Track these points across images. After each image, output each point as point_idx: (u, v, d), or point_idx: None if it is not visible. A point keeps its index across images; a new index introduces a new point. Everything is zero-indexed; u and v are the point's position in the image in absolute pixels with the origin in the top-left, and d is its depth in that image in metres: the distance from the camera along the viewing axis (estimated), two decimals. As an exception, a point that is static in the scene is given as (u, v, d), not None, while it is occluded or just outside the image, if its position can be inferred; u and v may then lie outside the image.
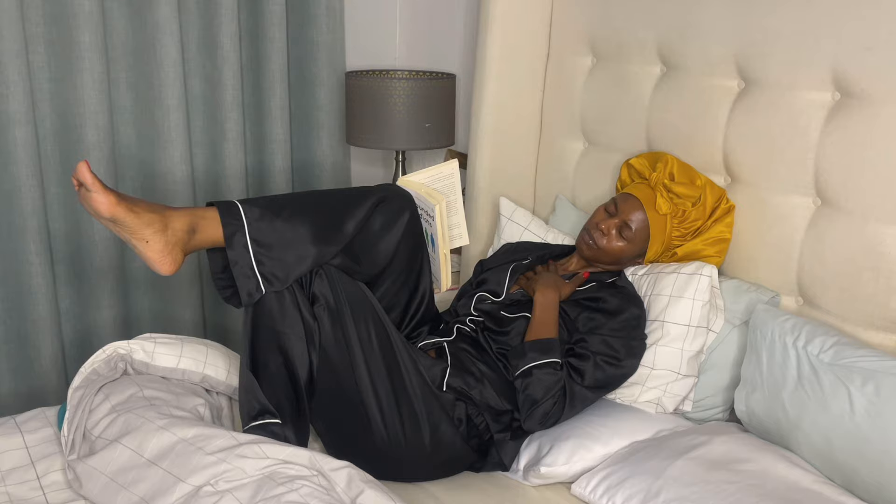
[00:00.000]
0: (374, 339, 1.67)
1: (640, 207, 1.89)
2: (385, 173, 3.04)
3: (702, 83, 1.98)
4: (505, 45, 2.31)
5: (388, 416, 1.65)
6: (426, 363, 1.76)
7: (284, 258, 1.62)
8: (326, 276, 1.65)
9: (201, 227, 1.58)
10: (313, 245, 1.64)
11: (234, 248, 1.60)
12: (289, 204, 1.67)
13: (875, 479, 1.52)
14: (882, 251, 1.66)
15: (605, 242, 1.90)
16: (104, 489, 1.47)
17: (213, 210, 1.61)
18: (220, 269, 1.67)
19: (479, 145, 2.38)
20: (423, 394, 1.69)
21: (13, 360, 2.36)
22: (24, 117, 2.21)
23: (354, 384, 1.64)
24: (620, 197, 1.93)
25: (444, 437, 1.69)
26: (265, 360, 1.63)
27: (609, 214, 1.92)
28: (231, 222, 1.60)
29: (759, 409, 1.72)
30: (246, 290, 1.60)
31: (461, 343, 1.86)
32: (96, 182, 1.46)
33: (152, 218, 1.52)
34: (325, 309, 1.64)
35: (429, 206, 1.81)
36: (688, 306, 1.82)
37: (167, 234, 1.53)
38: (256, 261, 1.60)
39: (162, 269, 1.55)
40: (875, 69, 1.65)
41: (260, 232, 1.61)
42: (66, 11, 2.24)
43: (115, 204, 1.48)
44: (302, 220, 1.64)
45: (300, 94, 2.76)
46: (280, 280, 1.61)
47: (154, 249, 1.53)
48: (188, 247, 1.57)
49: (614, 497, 1.58)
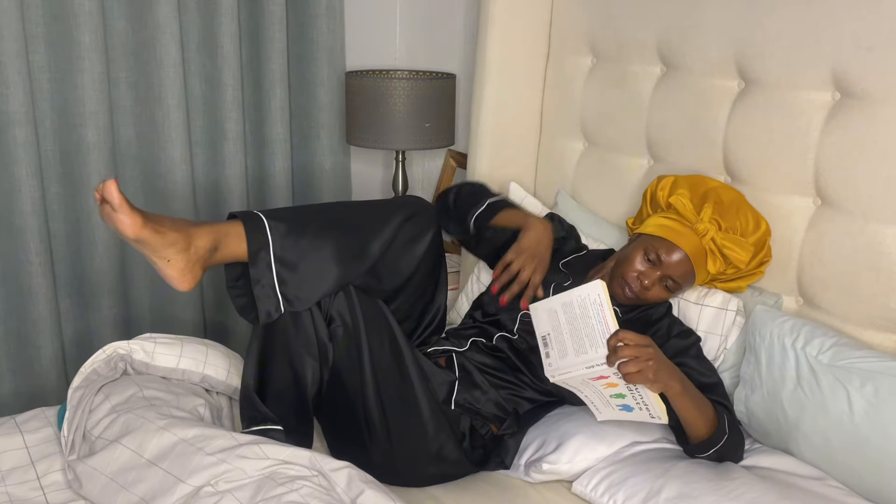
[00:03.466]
0: (387, 358, 1.64)
1: (689, 264, 1.76)
2: (385, 173, 3.04)
3: (702, 83, 1.98)
4: (505, 45, 2.31)
5: (393, 433, 1.63)
6: (436, 379, 1.75)
7: (307, 279, 1.58)
8: (346, 295, 1.62)
9: (224, 244, 1.55)
10: (337, 266, 1.60)
11: (258, 266, 1.56)
12: (314, 220, 1.63)
13: (875, 480, 1.52)
14: (882, 251, 1.66)
15: (648, 295, 1.78)
16: (104, 489, 1.47)
17: (236, 225, 1.57)
18: (234, 277, 1.63)
19: (479, 145, 2.38)
20: (432, 411, 1.67)
21: (13, 360, 2.36)
22: (24, 117, 2.20)
23: (362, 402, 1.62)
24: (664, 246, 1.76)
25: (448, 455, 1.69)
26: (274, 376, 1.61)
27: (651, 264, 1.77)
28: (256, 238, 1.56)
29: (759, 410, 1.72)
30: (266, 310, 1.57)
31: (472, 354, 1.85)
32: (124, 203, 1.41)
33: (176, 237, 1.47)
34: (341, 327, 1.62)
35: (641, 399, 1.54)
36: (715, 342, 1.83)
37: (189, 253, 1.50)
38: (279, 280, 1.56)
39: (181, 287, 1.51)
40: (875, 69, 1.65)
41: (284, 250, 1.57)
42: (66, 11, 2.24)
43: (142, 226, 1.43)
44: (326, 239, 1.60)
45: (300, 94, 2.76)
46: (301, 301, 1.58)
47: (176, 268, 1.49)
48: (208, 263, 1.54)
49: (616, 495, 1.58)
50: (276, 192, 2.73)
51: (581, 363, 1.52)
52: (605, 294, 1.52)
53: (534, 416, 1.83)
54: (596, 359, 1.50)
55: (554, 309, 1.58)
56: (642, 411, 1.54)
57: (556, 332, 1.57)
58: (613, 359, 1.46)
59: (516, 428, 1.78)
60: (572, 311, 1.55)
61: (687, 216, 1.79)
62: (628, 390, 1.51)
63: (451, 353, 1.84)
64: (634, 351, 1.46)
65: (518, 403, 1.81)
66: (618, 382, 1.51)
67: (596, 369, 1.50)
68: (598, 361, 1.50)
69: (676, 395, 1.54)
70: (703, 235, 1.77)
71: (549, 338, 1.59)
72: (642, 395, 1.51)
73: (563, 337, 1.56)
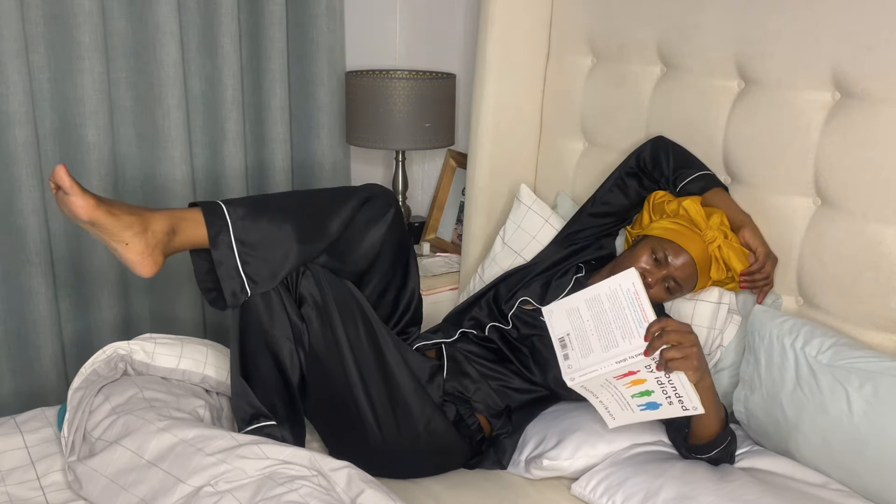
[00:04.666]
0: (362, 336, 1.66)
1: (694, 269, 1.78)
2: (385, 173, 3.04)
3: (702, 83, 1.98)
4: (505, 45, 2.31)
5: (380, 412, 1.65)
6: (416, 361, 1.76)
7: (269, 258, 1.60)
8: (313, 275, 1.64)
9: (182, 227, 1.56)
10: (297, 243, 1.62)
11: (219, 248, 1.58)
12: (272, 203, 1.66)
13: (874, 480, 1.52)
14: (882, 251, 1.66)
15: (649, 294, 1.75)
16: (104, 490, 1.47)
17: (194, 211, 1.60)
18: (203, 271, 1.65)
19: (479, 145, 2.38)
20: (414, 388, 1.68)
21: (13, 360, 2.36)
22: (24, 117, 2.20)
23: (345, 382, 1.63)
24: (672, 248, 1.78)
25: (437, 428, 1.70)
26: (256, 364, 1.63)
27: (657, 263, 1.78)
28: (215, 222, 1.58)
29: (758, 410, 1.72)
30: (230, 290, 1.59)
31: (461, 344, 1.86)
32: (74, 185, 1.44)
33: (131, 220, 1.50)
34: (313, 308, 1.63)
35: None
36: (709, 335, 1.84)
37: (147, 236, 1.52)
38: (241, 261, 1.58)
39: (142, 272, 1.53)
40: (875, 69, 1.65)
41: (244, 231, 1.59)
42: (66, 11, 2.24)
43: (95, 207, 1.46)
44: (286, 218, 1.63)
45: (300, 94, 2.76)
46: (266, 281, 1.60)
47: (134, 251, 1.51)
48: (169, 248, 1.56)
49: (614, 496, 1.58)
50: (276, 191, 2.73)
51: (610, 358, 1.49)
52: (639, 282, 1.49)
53: (528, 414, 1.83)
54: (630, 350, 1.46)
55: (574, 307, 1.56)
56: (672, 405, 1.50)
57: (578, 330, 1.54)
58: (658, 344, 1.45)
59: (511, 428, 1.79)
60: (599, 306, 1.52)
61: (697, 222, 1.80)
62: (658, 385, 1.48)
63: (440, 345, 1.85)
64: (679, 336, 1.45)
65: (508, 396, 1.81)
66: (646, 377, 1.48)
67: (628, 362, 1.46)
68: (633, 353, 1.46)
69: (707, 388, 1.54)
70: (711, 242, 1.78)
71: (568, 338, 1.56)
72: (676, 386, 1.47)
73: (586, 334, 1.53)
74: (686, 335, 1.46)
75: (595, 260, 2.01)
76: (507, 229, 2.26)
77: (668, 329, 1.46)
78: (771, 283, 1.82)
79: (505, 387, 1.82)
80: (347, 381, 1.64)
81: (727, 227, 1.81)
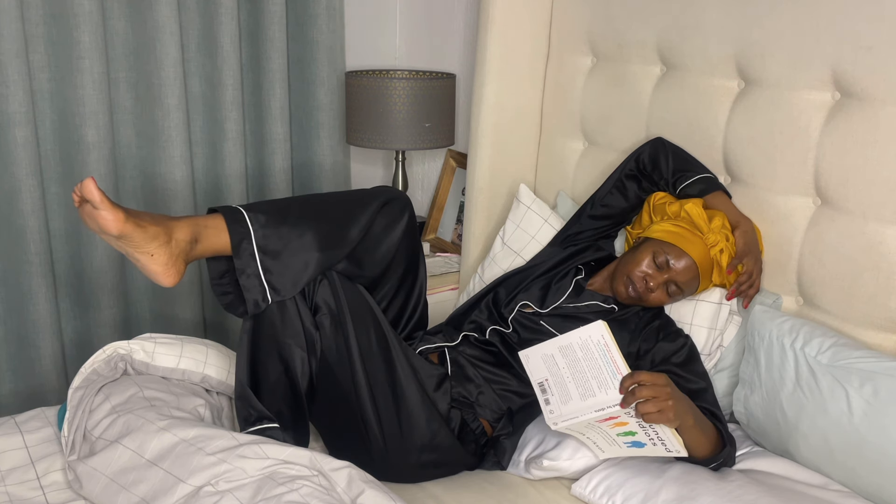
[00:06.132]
0: (374, 346, 1.65)
1: (695, 272, 1.78)
2: (385, 173, 3.04)
3: (702, 83, 1.98)
4: (505, 45, 2.31)
5: (385, 422, 1.64)
6: (425, 370, 1.76)
7: (291, 266, 1.59)
8: (329, 283, 1.63)
9: (204, 236, 1.55)
10: (318, 252, 1.61)
11: (241, 257, 1.56)
12: (292, 209, 1.65)
13: (874, 480, 1.52)
14: (882, 251, 1.66)
15: (650, 297, 1.79)
16: (105, 490, 1.47)
17: (215, 218, 1.58)
18: (218, 275, 1.64)
19: (479, 145, 2.38)
20: (422, 401, 1.68)
21: (13, 360, 2.36)
22: (24, 117, 2.20)
23: (353, 391, 1.63)
24: (674, 252, 1.77)
25: (442, 443, 1.69)
26: (266, 370, 1.62)
27: (658, 267, 1.78)
28: (238, 230, 1.56)
29: (758, 410, 1.72)
30: (253, 299, 1.58)
31: (463, 348, 1.85)
32: (105, 200, 1.41)
33: (157, 231, 1.47)
34: (327, 316, 1.63)
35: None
36: (709, 335, 1.84)
37: (171, 246, 1.49)
38: (263, 269, 1.57)
39: (166, 282, 1.51)
40: (875, 69, 1.65)
41: (266, 239, 1.58)
42: (66, 11, 2.24)
43: (125, 221, 1.42)
44: (307, 226, 1.61)
45: (300, 94, 2.76)
46: (287, 289, 1.59)
47: (159, 262, 1.49)
48: (190, 256, 1.54)
49: (614, 497, 1.58)
50: (276, 191, 2.73)
51: (589, 407, 1.47)
52: (608, 334, 1.47)
53: (528, 415, 1.83)
54: (607, 401, 1.45)
55: (549, 354, 1.54)
56: (656, 446, 1.50)
57: (556, 377, 1.53)
58: (630, 400, 1.43)
59: (511, 429, 1.79)
60: (573, 354, 1.51)
61: (699, 225, 1.80)
62: (640, 427, 1.48)
63: (442, 348, 1.85)
64: (652, 391, 1.43)
65: (509, 398, 1.81)
66: (628, 421, 1.47)
67: (606, 411, 1.46)
68: (609, 404, 1.45)
69: (689, 427, 1.52)
70: (713, 246, 1.78)
71: (547, 384, 1.55)
72: (657, 431, 1.47)
73: (563, 382, 1.52)
74: (660, 388, 1.44)
75: (594, 262, 2.01)
76: (507, 229, 2.27)
77: (641, 382, 1.44)
78: (756, 288, 1.82)
79: (506, 390, 1.82)
80: (356, 391, 1.63)
81: (728, 229, 1.81)
